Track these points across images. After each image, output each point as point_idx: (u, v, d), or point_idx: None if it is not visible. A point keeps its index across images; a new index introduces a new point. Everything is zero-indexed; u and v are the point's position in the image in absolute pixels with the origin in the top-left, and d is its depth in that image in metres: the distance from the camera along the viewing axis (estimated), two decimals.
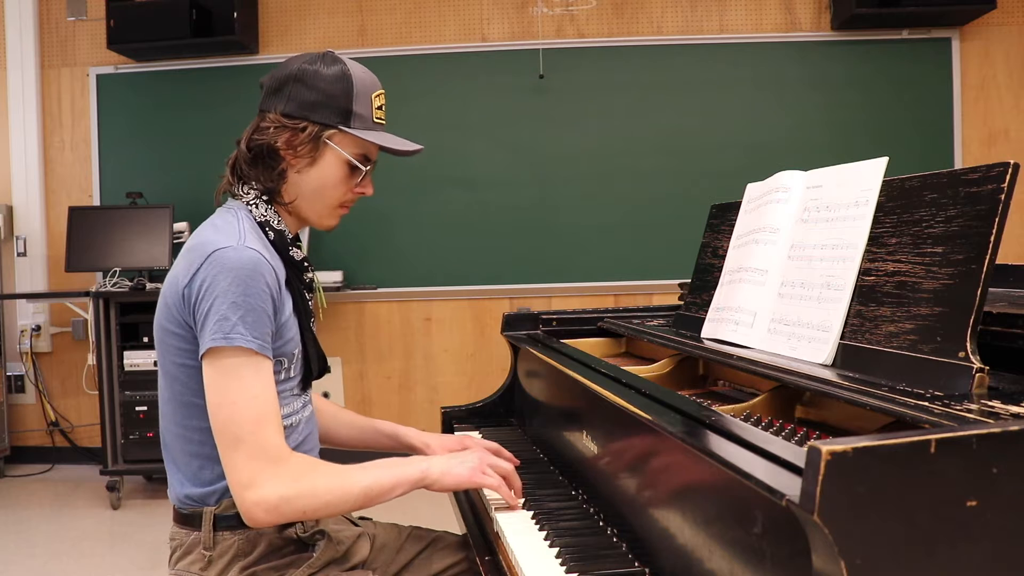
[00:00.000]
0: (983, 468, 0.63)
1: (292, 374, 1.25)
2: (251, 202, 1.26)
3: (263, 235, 1.23)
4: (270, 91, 1.26)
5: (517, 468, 1.34)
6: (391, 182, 3.87)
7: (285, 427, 1.23)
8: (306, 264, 1.30)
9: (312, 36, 4.01)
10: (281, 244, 1.24)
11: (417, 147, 1.32)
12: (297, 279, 1.26)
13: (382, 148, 1.30)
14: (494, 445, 1.45)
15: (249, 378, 1.11)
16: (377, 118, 1.28)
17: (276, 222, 1.26)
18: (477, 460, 1.23)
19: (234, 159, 1.28)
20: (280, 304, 1.19)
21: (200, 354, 1.13)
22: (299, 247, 1.30)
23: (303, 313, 1.25)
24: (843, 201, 1.13)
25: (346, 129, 1.24)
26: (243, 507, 1.11)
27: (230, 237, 1.16)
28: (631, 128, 3.94)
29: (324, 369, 1.31)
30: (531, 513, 1.21)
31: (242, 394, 1.10)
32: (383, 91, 1.31)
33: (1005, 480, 0.63)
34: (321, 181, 1.26)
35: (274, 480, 1.10)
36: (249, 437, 1.09)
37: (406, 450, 1.50)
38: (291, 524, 1.22)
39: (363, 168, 1.28)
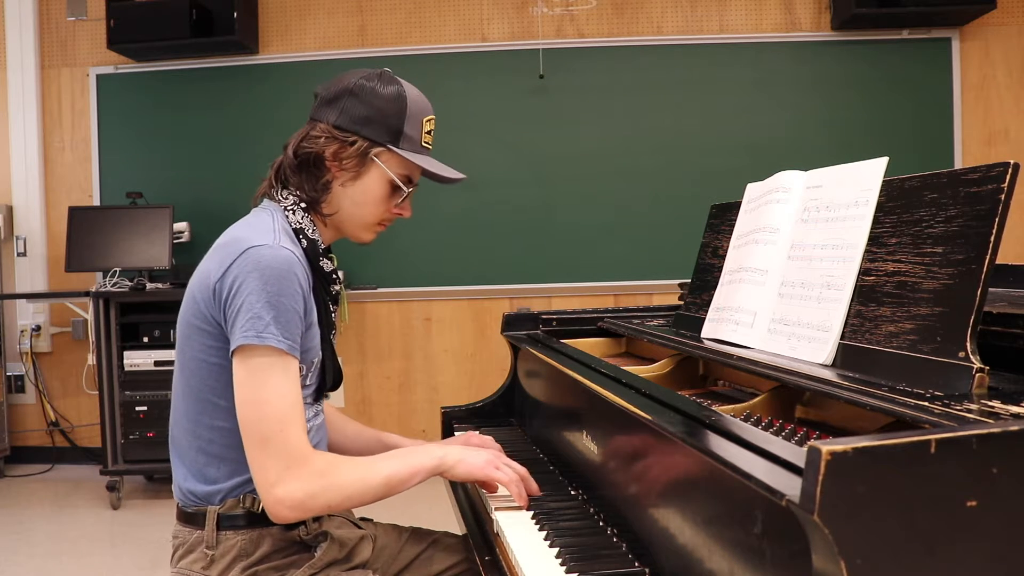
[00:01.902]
0: (983, 468, 0.63)
1: (308, 382, 1.25)
2: (289, 207, 1.25)
3: (296, 241, 1.23)
4: (324, 102, 1.26)
5: None
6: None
7: None
8: (335, 276, 1.30)
9: (312, 36, 4.02)
10: (313, 253, 1.24)
11: (461, 176, 1.34)
12: (324, 290, 1.26)
13: (425, 172, 1.31)
14: (497, 444, 1.45)
15: (278, 378, 1.12)
16: (425, 142, 1.30)
17: (311, 231, 1.25)
18: (492, 455, 1.25)
19: (279, 164, 1.28)
20: (310, 307, 1.19)
21: (231, 351, 1.13)
22: (331, 258, 1.29)
23: (325, 324, 1.26)
24: (843, 201, 1.13)
25: (394, 149, 1.25)
26: (268, 504, 1.12)
27: (265, 236, 1.16)
28: (631, 128, 3.94)
29: (338, 382, 1.32)
30: (531, 513, 1.21)
31: (271, 393, 1.11)
32: (434, 117, 1.32)
33: (1005, 480, 0.63)
34: (363, 197, 1.27)
35: (299, 478, 1.11)
36: (276, 436, 1.10)
37: None
38: (296, 526, 1.22)
39: (405, 189, 1.29)
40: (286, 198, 1.26)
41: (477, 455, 1.24)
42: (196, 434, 1.20)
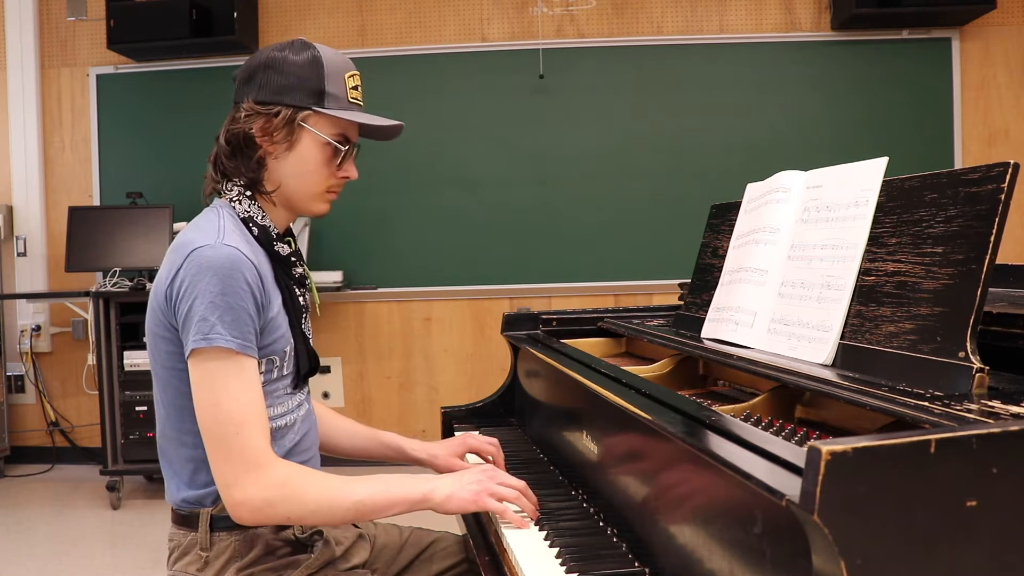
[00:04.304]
0: (983, 468, 0.63)
1: (284, 372, 1.23)
2: (234, 199, 1.24)
3: (246, 231, 1.21)
4: (242, 81, 1.25)
5: (516, 469, 1.34)
6: (391, 182, 3.88)
7: (279, 427, 1.22)
8: (294, 259, 1.27)
9: (312, 36, 3.96)
10: (265, 239, 1.22)
11: (395, 123, 1.29)
12: (285, 274, 1.24)
13: (361, 127, 1.27)
14: (493, 440, 1.45)
15: (230, 379, 1.10)
16: (352, 98, 1.26)
17: (260, 217, 1.23)
18: (484, 481, 1.18)
19: (215, 154, 1.26)
20: (266, 301, 1.17)
21: (185, 356, 1.12)
22: (288, 242, 1.27)
23: (292, 310, 1.23)
24: (843, 201, 1.13)
25: (320, 109, 1.22)
26: (228, 505, 1.11)
27: (208, 235, 1.14)
28: (631, 128, 3.94)
29: (314, 367, 1.29)
30: None
31: (223, 395, 1.09)
32: (357, 72, 1.28)
33: (1005, 480, 0.63)
34: (302, 166, 1.24)
35: (257, 483, 1.09)
36: (231, 438, 1.09)
37: (410, 463, 1.48)
38: (288, 525, 1.22)
39: (342, 149, 1.25)
40: (230, 190, 1.24)
41: (467, 487, 1.17)
42: (182, 441, 1.19)
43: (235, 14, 3.73)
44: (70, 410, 4.14)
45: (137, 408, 3.50)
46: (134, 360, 3.51)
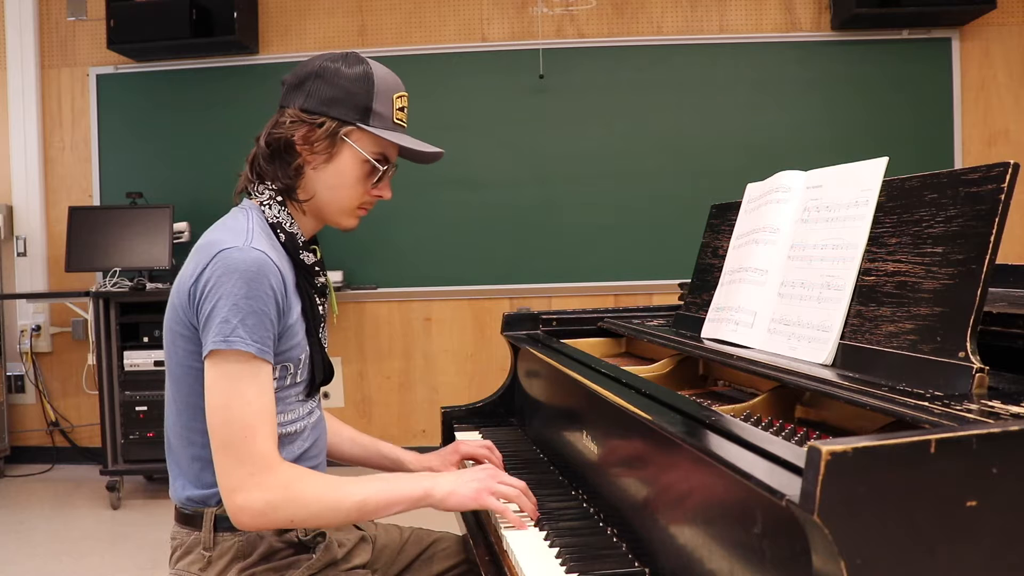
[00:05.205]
0: (983, 468, 0.63)
1: (298, 379, 1.23)
2: (265, 202, 1.24)
3: (273, 236, 1.22)
4: (291, 87, 1.25)
5: (516, 469, 1.33)
6: (391, 182, 3.87)
7: (290, 433, 1.22)
8: (318, 268, 1.27)
9: (312, 36, 4.02)
10: (292, 247, 1.22)
11: (436, 150, 1.30)
12: (308, 283, 1.24)
13: (400, 149, 1.28)
14: (487, 442, 1.45)
15: (245, 383, 1.10)
16: (398, 119, 1.27)
17: (288, 224, 1.24)
18: (485, 479, 1.19)
19: (253, 155, 1.27)
20: (287, 307, 1.17)
21: (203, 356, 1.12)
22: (313, 251, 1.27)
23: (311, 318, 1.23)
24: (843, 201, 1.13)
25: (364, 126, 1.22)
26: (230, 510, 1.10)
27: (237, 237, 1.15)
28: (631, 128, 3.94)
29: (329, 376, 1.29)
30: None
31: (237, 399, 1.09)
32: (406, 94, 1.29)
33: (1005, 480, 0.63)
34: (338, 179, 1.24)
35: (261, 487, 1.09)
36: (239, 442, 1.09)
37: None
38: (288, 528, 1.22)
39: (380, 168, 1.26)
40: (262, 193, 1.25)
41: (468, 484, 1.18)
42: (190, 440, 1.19)
43: (235, 14, 3.73)
44: (70, 410, 4.14)
45: (137, 408, 3.50)
46: (134, 360, 3.52)
